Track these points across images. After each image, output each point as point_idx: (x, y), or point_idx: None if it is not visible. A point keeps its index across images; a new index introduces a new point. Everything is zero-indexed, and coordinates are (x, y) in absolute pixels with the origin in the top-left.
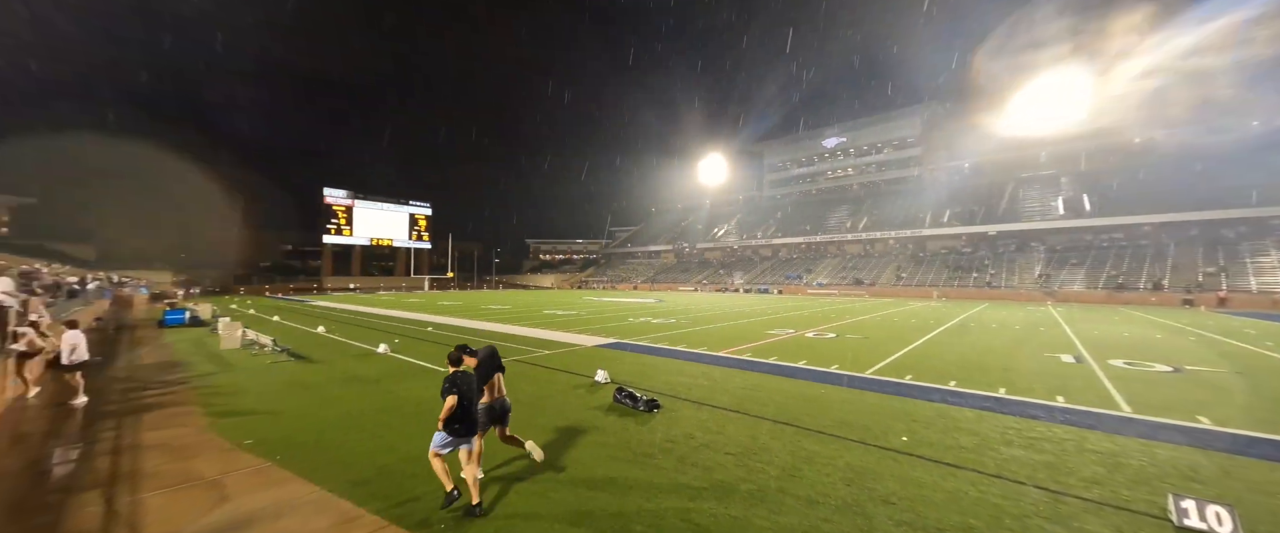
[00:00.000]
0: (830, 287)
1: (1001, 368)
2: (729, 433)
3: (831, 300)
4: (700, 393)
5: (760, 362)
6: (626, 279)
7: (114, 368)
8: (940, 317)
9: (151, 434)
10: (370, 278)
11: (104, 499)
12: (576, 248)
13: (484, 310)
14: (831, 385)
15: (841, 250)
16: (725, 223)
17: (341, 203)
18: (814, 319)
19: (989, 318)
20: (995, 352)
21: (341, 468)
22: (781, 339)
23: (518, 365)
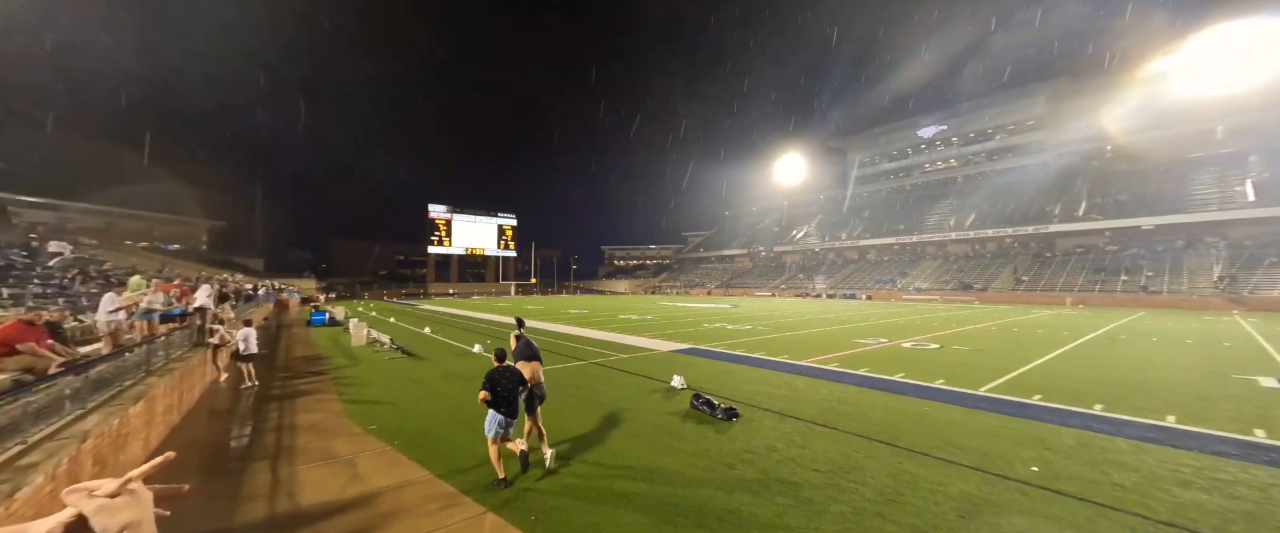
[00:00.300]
0: (930, 292)
1: (1170, 391)
2: (816, 448)
3: (932, 307)
4: (782, 403)
5: (849, 373)
6: (700, 284)
7: (275, 359)
8: (1077, 327)
9: (302, 416)
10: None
11: (271, 468)
12: (650, 253)
13: (563, 314)
14: (936, 402)
15: (943, 251)
16: (805, 224)
17: (442, 216)
18: (911, 328)
19: (1146, 329)
20: (1159, 370)
21: (446, 457)
22: (873, 349)
23: (595, 368)
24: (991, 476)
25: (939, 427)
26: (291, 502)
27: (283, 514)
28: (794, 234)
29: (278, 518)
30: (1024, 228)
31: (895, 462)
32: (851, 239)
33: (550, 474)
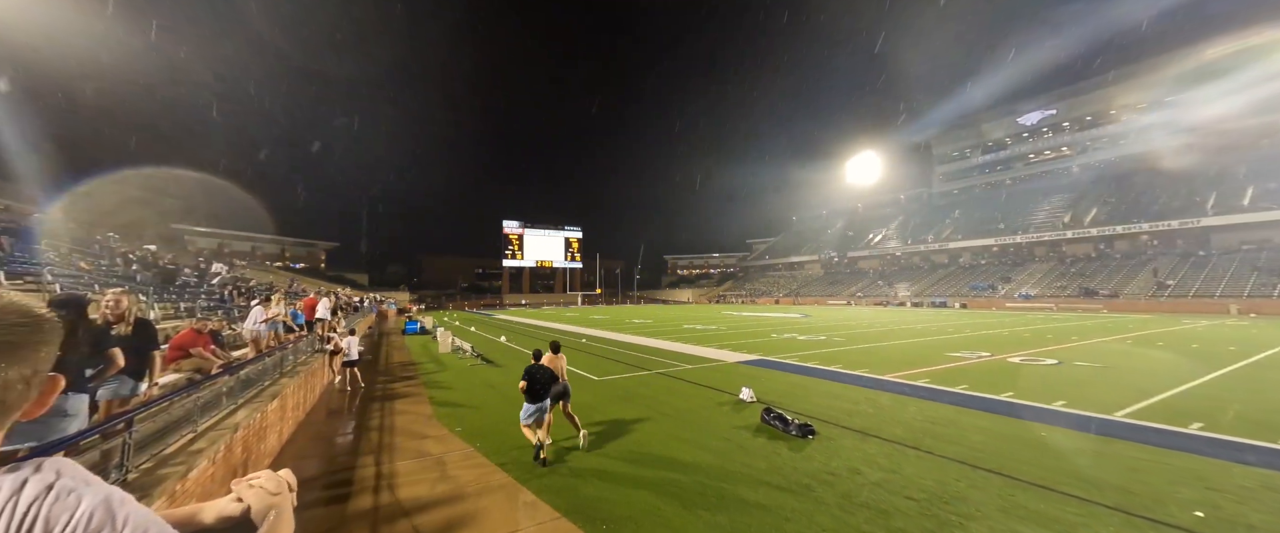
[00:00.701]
0: (1041, 299)
1: None
2: (907, 473)
3: (1045, 317)
4: (864, 421)
5: (944, 390)
6: (767, 292)
7: (377, 364)
8: (1247, 342)
9: (399, 417)
10: (536, 295)
11: (375, 463)
12: (713, 262)
13: (628, 324)
14: (1056, 427)
15: (1057, 252)
16: (882, 227)
17: (515, 231)
18: (1019, 340)
19: None
20: None
21: (525, 461)
22: (972, 363)
23: (660, 379)
24: (1138, 518)
25: (1062, 456)
26: (392, 495)
27: (386, 506)
28: (871, 238)
29: (382, 509)
30: (1166, 222)
31: (1007, 494)
32: (939, 241)
33: (621, 484)
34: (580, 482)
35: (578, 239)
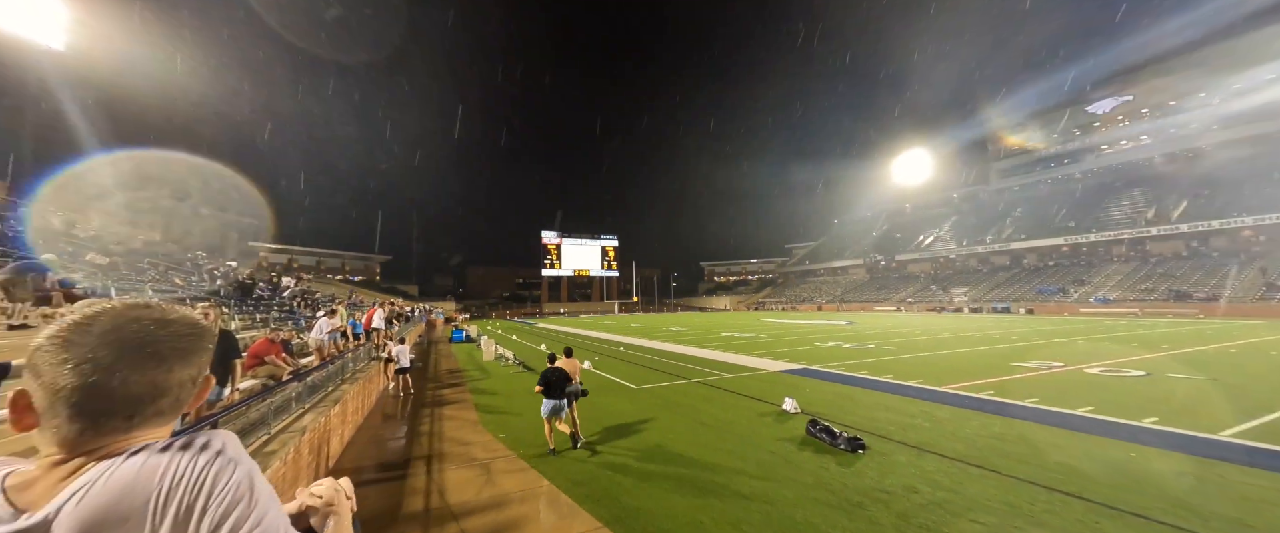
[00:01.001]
0: (1123, 302)
1: None
2: (970, 494)
3: (1129, 322)
4: (920, 436)
5: (1010, 403)
6: (809, 299)
7: (427, 371)
8: None
9: (447, 422)
10: (574, 303)
11: (426, 467)
12: (751, 268)
13: (665, 332)
14: (1147, 447)
15: (1139, 252)
16: (934, 228)
17: (553, 241)
18: (1097, 349)
19: None
20: None
21: (562, 468)
22: (1042, 375)
23: (699, 388)
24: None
25: (1157, 481)
26: (441, 498)
27: (436, 508)
28: (921, 240)
29: (432, 512)
30: (1277, 215)
31: (1091, 522)
32: (1000, 242)
33: (662, 495)
34: (621, 492)
35: (614, 248)
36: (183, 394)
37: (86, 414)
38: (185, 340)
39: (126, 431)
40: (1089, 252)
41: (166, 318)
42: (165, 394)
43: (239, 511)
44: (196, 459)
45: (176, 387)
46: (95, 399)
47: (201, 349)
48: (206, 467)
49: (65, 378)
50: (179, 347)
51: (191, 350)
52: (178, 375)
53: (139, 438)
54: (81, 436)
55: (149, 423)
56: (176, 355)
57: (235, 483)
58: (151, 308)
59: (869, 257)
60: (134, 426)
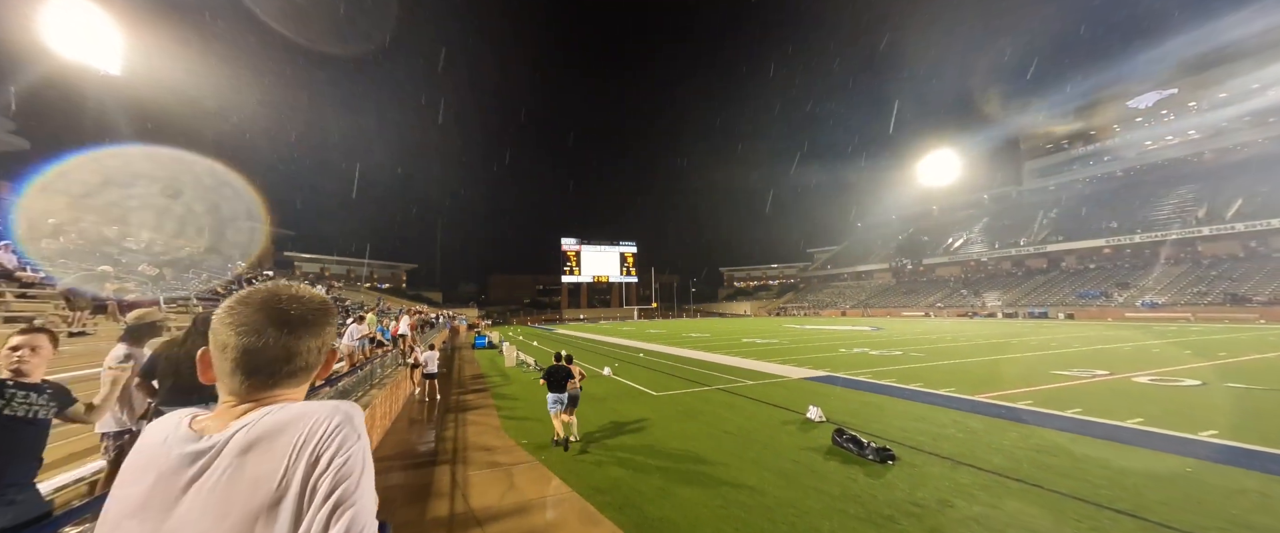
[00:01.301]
0: (1172, 307)
1: None
2: (1010, 510)
3: (1180, 328)
4: (953, 448)
5: (1051, 414)
6: (831, 304)
7: (450, 377)
8: None
9: (471, 427)
10: (593, 309)
11: (450, 472)
12: (771, 273)
13: (685, 338)
14: (1206, 462)
15: (1190, 252)
16: (963, 231)
17: (573, 248)
18: (1147, 357)
19: None
20: None
21: (585, 475)
22: (1085, 383)
23: (720, 395)
24: None
25: (1217, 497)
26: (465, 503)
27: (460, 513)
28: (949, 242)
29: (457, 516)
30: None
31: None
32: (1034, 244)
33: (685, 505)
34: (643, 501)
35: (633, 254)
36: (311, 359)
37: (243, 369)
38: (313, 315)
39: (272, 386)
40: (1133, 253)
41: (300, 296)
42: (297, 358)
43: (346, 486)
44: (332, 418)
45: (306, 352)
46: (249, 358)
47: (326, 324)
48: (338, 429)
49: (230, 340)
50: (308, 320)
51: (318, 323)
52: (307, 343)
53: (282, 395)
54: (242, 386)
55: (287, 381)
56: (305, 327)
57: (354, 454)
58: (291, 288)
59: (895, 260)
60: (278, 382)
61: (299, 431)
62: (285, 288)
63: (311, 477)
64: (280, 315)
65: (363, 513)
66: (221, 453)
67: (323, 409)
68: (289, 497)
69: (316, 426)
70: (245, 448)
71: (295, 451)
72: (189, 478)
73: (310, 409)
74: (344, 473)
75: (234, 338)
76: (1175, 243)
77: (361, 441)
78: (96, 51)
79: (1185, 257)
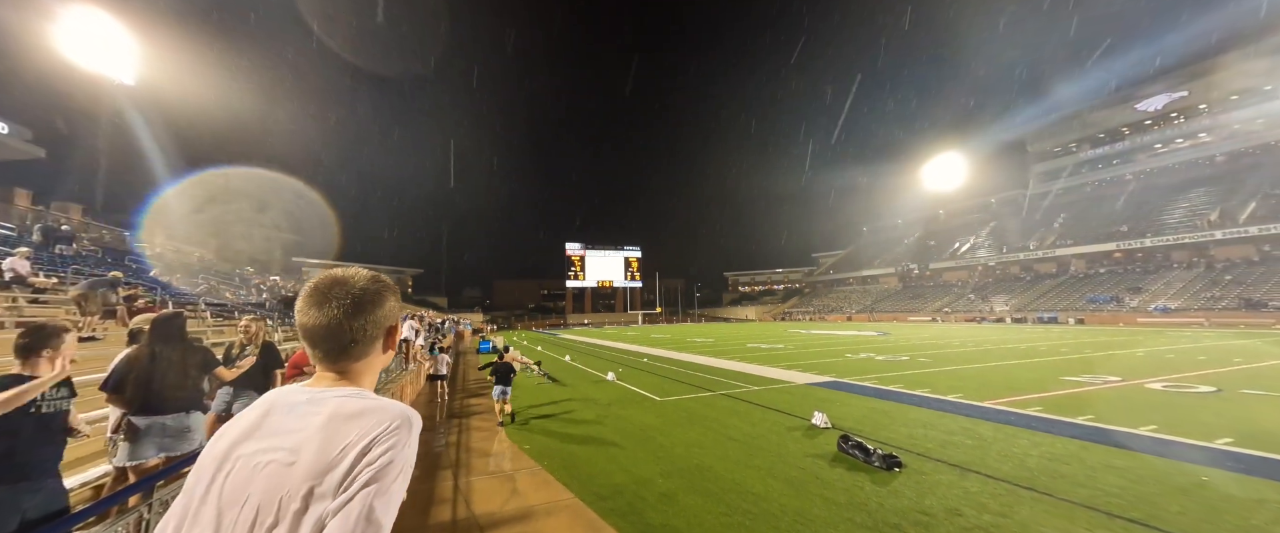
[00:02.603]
0: (1186, 312)
1: None
2: (1021, 518)
3: (1194, 334)
4: (962, 455)
5: (1062, 420)
6: (837, 309)
7: (455, 381)
8: None
9: (475, 433)
10: (598, 314)
11: (453, 477)
12: (776, 278)
13: (689, 343)
14: (1223, 471)
15: (1203, 256)
16: (971, 235)
17: (577, 253)
18: (1160, 363)
19: None
20: None
21: (588, 481)
22: (1096, 389)
23: (724, 400)
24: None
25: (1233, 508)
26: (467, 509)
27: (462, 520)
28: (957, 247)
29: (459, 523)
30: None
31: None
32: (1044, 249)
33: (689, 513)
34: (646, 507)
35: (637, 259)
36: (362, 334)
37: (311, 343)
38: (360, 295)
39: (340, 358)
40: (1145, 257)
41: (344, 280)
42: (345, 333)
43: (382, 478)
44: (396, 420)
45: (355, 329)
46: (310, 335)
47: (372, 303)
48: (398, 430)
49: (298, 320)
50: (355, 300)
51: (365, 303)
52: (356, 321)
53: (352, 366)
54: (318, 358)
55: (350, 352)
56: (353, 306)
57: (399, 454)
58: (339, 273)
59: (901, 265)
60: (343, 353)
61: (370, 420)
62: (334, 274)
63: (361, 462)
64: (327, 298)
65: (385, 505)
66: (324, 403)
67: (393, 409)
68: (339, 468)
69: (382, 420)
70: (336, 414)
71: (361, 433)
72: (303, 409)
73: (384, 406)
74: (384, 465)
75: (299, 318)
76: (1188, 247)
77: (411, 446)
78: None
79: (1198, 261)
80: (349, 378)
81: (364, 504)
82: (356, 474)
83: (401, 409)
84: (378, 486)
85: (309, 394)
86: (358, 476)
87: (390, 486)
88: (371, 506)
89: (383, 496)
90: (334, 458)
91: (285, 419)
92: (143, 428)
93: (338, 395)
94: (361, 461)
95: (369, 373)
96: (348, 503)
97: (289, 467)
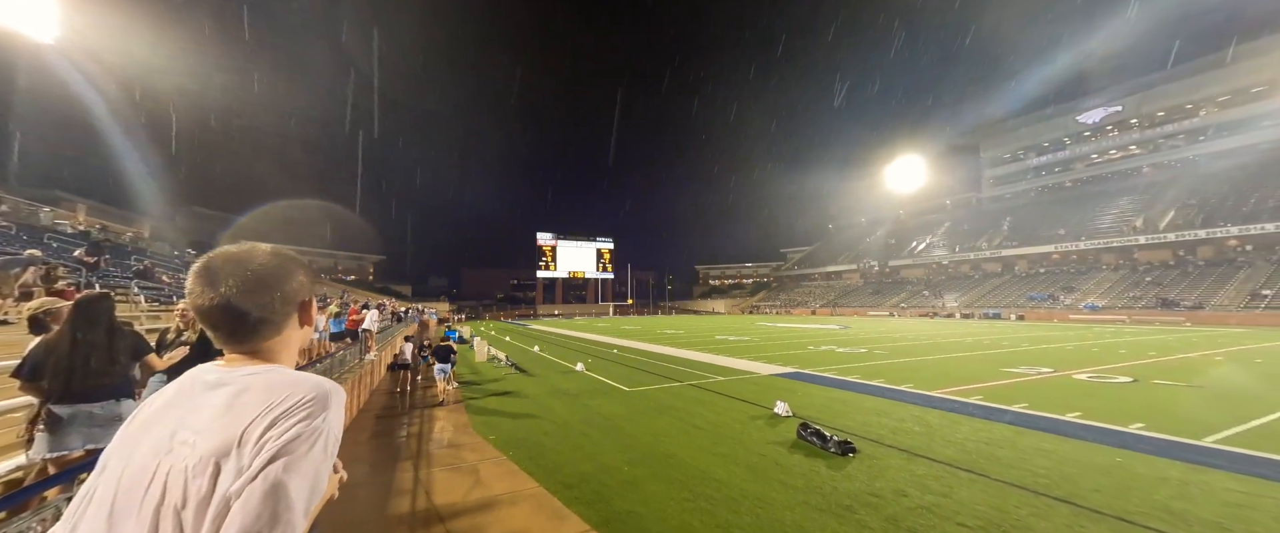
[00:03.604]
0: (1111, 310)
1: None
2: (960, 498)
3: (1116, 329)
4: (911, 441)
5: (1000, 408)
6: (802, 303)
7: (419, 371)
8: None
9: (438, 423)
10: (568, 305)
11: (413, 467)
12: (746, 272)
13: (659, 335)
14: (1135, 452)
15: (1128, 259)
16: (928, 235)
17: (548, 243)
18: (1086, 355)
19: None
20: None
21: (554, 470)
22: (1032, 380)
23: (691, 390)
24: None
25: (1142, 486)
26: (428, 500)
27: (422, 510)
28: (914, 246)
29: (418, 513)
30: (1260, 226)
31: (1078, 525)
32: (992, 249)
33: (654, 500)
34: (611, 495)
35: (609, 250)
36: (268, 312)
37: (210, 326)
38: (262, 272)
39: (246, 339)
40: (1079, 259)
41: (242, 256)
42: (249, 311)
43: (286, 456)
44: (310, 393)
45: (263, 306)
46: (206, 316)
47: (276, 280)
48: (310, 403)
49: (193, 301)
50: (257, 276)
51: (267, 280)
52: (259, 298)
53: (263, 346)
54: (221, 341)
55: (256, 333)
56: (252, 283)
57: (308, 428)
58: (240, 248)
59: (863, 262)
60: (252, 335)
61: (278, 394)
62: (226, 251)
63: (266, 437)
64: (218, 276)
65: (297, 481)
66: (232, 381)
67: (306, 381)
68: (243, 446)
69: (292, 394)
70: (243, 389)
71: (267, 408)
72: (211, 388)
73: (296, 379)
74: (290, 438)
75: (191, 299)
76: (1115, 250)
77: (324, 421)
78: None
79: (1124, 263)
80: (263, 357)
81: (268, 482)
82: (261, 449)
83: (316, 382)
84: (285, 460)
85: (219, 373)
86: (262, 451)
87: (300, 460)
88: (279, 481)
89: (293, 471)
90: (237, 435)
91: (196, 398)
92: (65, 417)
93: (248, 373)
94: (266, 436)
95: (285, 350)
96: (251, 482)
97: (193, 447)
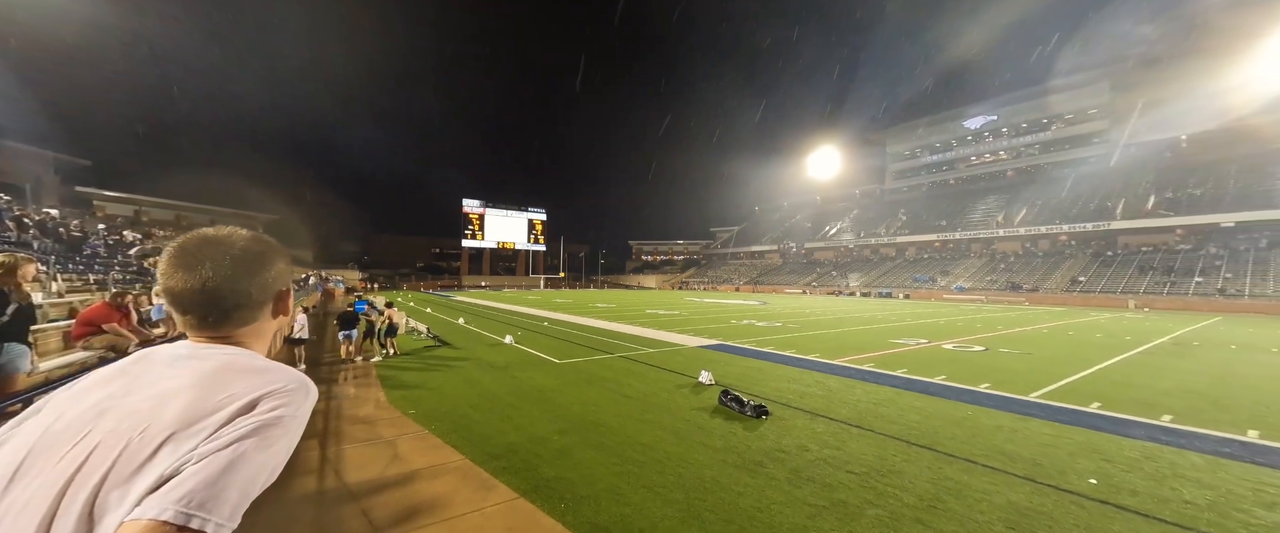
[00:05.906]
0: (974, 292)
1: (1253, 404)
2: (850, 450)
3: (976, 308)
4: (814, 403)
5: (886, 374)
6: (728, 280)
7: (323, 344)
8: (1141, 332)
9: (347, 400)
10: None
11: (319, 446)
12: (677, 248)
13: (591, 308)
14: (981, 408)
15: (990, 249)
16: (839, 220)
17: (476, 211)
18: (953, 329)
19: (1224, 337)
20: (1239, 381)
21: (481, 442)
22: (911, 350)
23: (622, 362)
24: (1043, 486)
25: (984, 433)
26: (338, 478)
27: (332, 489)
28: (827, 230)
29: (327, 493)
30: (1082, 225)
31: (936, 467)
32: (889, 236)
33: (583, 465)
34: (540, 463)
35: (542, 221)
36: (246, 299)
37: (182, 309)
38: (243, 257)
39: (221, 324)
40: (954, 247)
41: (222, 239)
42: (227, 297)
43: (260, 438)
44: (292, 382)
45: (241, 293)
46: (182, 298)
47: (257, 266)
48: (293, 392)
49: (166, 283)
50: (237, 261)
51: (249, 265)
52: (238, 284)
53: (233, 333)
54: (193, 324)
55: (230, 319)
56: (233, 268)
57: (289, 413)
58: (219, 230)
59: (784, 243)
60: (225, 320)
61: (266, 377)
62: (204, 233)
63: (246, 413)
64: (197, 259)
65: (261, 462)
66: (211, 357)
67: (289, 373)
68: (215, 416)
69: (278, 379)
70: (227, 366)
71: (252, 387)
72: (177, 360)
73: (281, 368)
74: (271, 420)
75: (164, 281)
76: (981, 240)
77: (302, 410)
78: None
79: (986, 252)
80: (235, 343)
81: (235, 454)
82: (236, 423)
83: (302, 376)
84: (257, 439)
85: (193, 348)
86: (238, 425)
87: (271, 445)
88: (244, 456)
89: (262, 451)
90: (212, 406)
91: (161, 369)
92: None
93: (228, 352)
94: (246, 413)
95: (258, 339)
96: (217, 451)
97: (150, 412)
